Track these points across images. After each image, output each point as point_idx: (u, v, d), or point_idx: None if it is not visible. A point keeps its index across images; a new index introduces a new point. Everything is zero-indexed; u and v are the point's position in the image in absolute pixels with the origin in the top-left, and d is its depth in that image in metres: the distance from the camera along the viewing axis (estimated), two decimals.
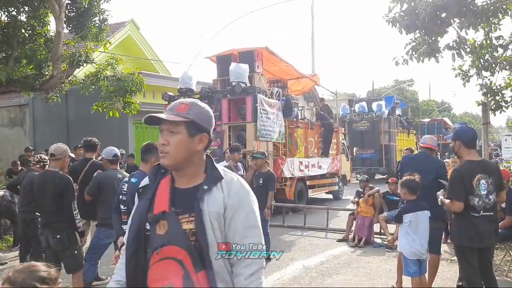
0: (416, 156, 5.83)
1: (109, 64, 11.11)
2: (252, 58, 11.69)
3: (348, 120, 22.10)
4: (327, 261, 7.33)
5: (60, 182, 4.96)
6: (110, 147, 5.82)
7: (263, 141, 10.69)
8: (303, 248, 8.28)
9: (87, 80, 11.13)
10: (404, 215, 4.91)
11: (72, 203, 4.96)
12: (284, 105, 11.93)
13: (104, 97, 11.22)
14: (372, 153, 21.29)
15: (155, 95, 16.17)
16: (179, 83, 11.87)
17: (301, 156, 12.96)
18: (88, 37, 10.66)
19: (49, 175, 5.08)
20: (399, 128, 22.69)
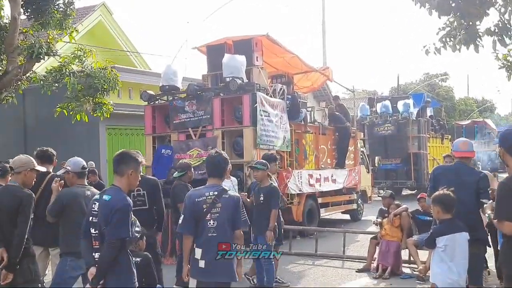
0: (451, 167, 5.78)
1: (76, 57, 11.15)
2: (250, 48, 11.72)
3: (368, 123, 22.14)
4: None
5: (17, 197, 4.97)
6: (76, 158, 5.76)
7: (264, 149, 10.67)
8: (314, 280, 8.25)
9: (49, 77, 11.16)
10: (437, 238, 4.89)
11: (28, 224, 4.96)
12: (290, 105, 11.94)
13: (70, 97, 11.25)
14: (398, 163, 21.30)
15: (132, 94, 16.20)
16: (161, 80, 11.90)
17: (311, 167, 12.94)
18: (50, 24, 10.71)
19: (5, 189, 5.09)
20: (431, 132, 22.72)
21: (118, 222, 4.06)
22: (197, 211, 4.55)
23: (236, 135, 11.00)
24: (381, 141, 21.64)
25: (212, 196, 4.57)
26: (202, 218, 4.54)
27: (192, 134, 11.12)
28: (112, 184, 4.34)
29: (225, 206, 4.57)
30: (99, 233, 4.14)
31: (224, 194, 4.61)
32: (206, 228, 4.52)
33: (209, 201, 4.56)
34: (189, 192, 4.87)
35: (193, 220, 4.57)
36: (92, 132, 14.91)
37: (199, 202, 4.56)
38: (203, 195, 4.60)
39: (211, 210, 4.54)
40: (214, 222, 4.52)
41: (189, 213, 4.60)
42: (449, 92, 50.19)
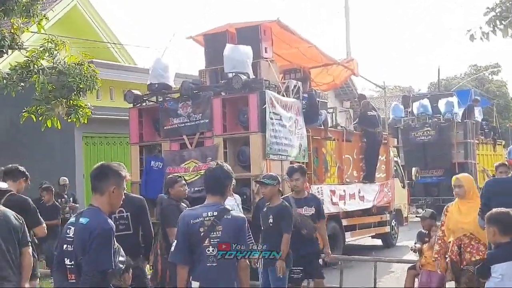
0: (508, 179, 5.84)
1: (46, 50, 11.21)
2: (257, 36, 11.77)
3: (402, 127, 22.11)
4: None
5: None
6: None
7: (275, 159, 10.68)
8: None
9: (13, 75, 11.22)
10: (493, 266, 4.88)
11: None
12: (307, 106, 11.96)
13: (39, 99, 11.29)
14: (440, 175, 21.18)
15: (114, 95, 16.28)
16: (150, 77, 11.96)
17: (333, 182, 12.93)
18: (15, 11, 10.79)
19: None
20: (480, 137, 22.64)
21: (98, 250, 4.06)
22: (193, 235, 4.52)
23: (241, 144, 11.02)
24: (419, 148, 21.58)
25: (211, 217, 4.54)
26: (199, 244, 4.51)
27: (188, 142, 11.14)
28: (90, 204, 4.34)
29: (227, 229, 4.54)
30: (75, 264, 4.14)
31: (226, 215, 4.58)
32: (204, 256, 4.50)
33: (207, 223, 4.53)
34: (183, 213, 4.86)
35: (188, 247, 4.55)
36: (65, 141, 14.97)
37: (194, 225, 4.53)
38: (199, 216, 4.57)
39: (210, 235, 4.51)
40: (213, 249, 4.49)
41: (183, 238, 4.57)
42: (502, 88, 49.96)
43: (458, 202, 6.72)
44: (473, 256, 6.34)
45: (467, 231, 6.44)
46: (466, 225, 6.44)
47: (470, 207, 6.44)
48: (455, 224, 6.57)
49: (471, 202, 6.54)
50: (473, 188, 6.74)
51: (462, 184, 6.66)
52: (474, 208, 6.22)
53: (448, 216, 6.73)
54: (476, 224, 6.13)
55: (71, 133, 14.63)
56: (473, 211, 6.20)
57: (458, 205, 6.70)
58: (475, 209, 6.15)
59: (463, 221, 6.50)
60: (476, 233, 6.32)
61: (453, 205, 6.80)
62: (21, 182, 6.40)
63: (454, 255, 6.50)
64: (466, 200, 6.64)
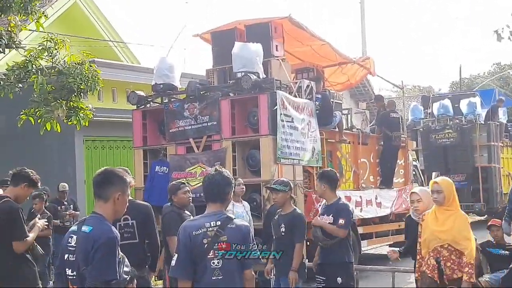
0: None
1: (45, 49, 11.25)
2: (267, 34, 11.79)
3: (422, 129, 22.05)
4: None
5: None
6: None
7: (287, 164, 10.69)
8: None
9: (11, 75, 11.28)
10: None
11: None
12: (320, 107, 11.96)
13: (37, 101, 11.34)
14: (462, 180, 21.10)
15: (117, 96, 16.33)
16: (154, 77, 11.99)
17: (348, 187, 12.93)
18: (12, 8, 10.85)
19: None
20: (505, 140, 22.56)
21: (102, 261, 4.07)
22: (196, 248, 4.51)
23: (250, 147, 11.02)
24: (439, 152, 21.51)
25: (214, 227, 4.54)
26: (203, 256, 4.50)
27: (194, 146, 11.16)
28: (93, 212, 4.36)
29: (232, 239, 4.54)
30: (77, 275, 4.16)
31: (230, 224, 4.58)
32: (209, 269, 4.49)
33: (211, 233, 4.52)
34: (183, 224, 4.84)
35: (190, 260, 4.53)
36: (65, 145, 15.03)
37: (197, 237, 4.52)
38: (202, 226, 4.56)
39: (214, 246, 4.50)
40: (219, 262, 4.50)
41: (184, 251, 4.55)
42: None
43: (435, 209, 6.18)
44: (454, 273, 5.87)
45: (444, 241, 5.93)
46: (443, 234, 5.96)
47: (449, 215, 6.06)
48: (431, 233, 6.06)
49: (450, 209, 6.12)
50: (453, 194, 6.22)
51: (442, 189, 6.12)
52: (454, 215, 6.06)
53: (424, 226, 6.23)
54: (454, 234, 5.89)
55: (71, 136, 14.69)
56: (452, 220, 6.01)
57: (435, 212, 6.16)
58: (454, 217, 6.03)
59: (439, 230, 5.99)
60: (455, 244, 5.88)
61: (430, 213, 6.26)
62: (23, 188, 6.34)
63: (431, 271, 5.98)
64: (444, 207, 6.13)
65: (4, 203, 6.09)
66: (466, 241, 5.83)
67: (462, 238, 5.86)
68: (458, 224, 5.95)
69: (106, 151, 16.09)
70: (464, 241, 5.82)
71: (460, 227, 5.93)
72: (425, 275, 6.03)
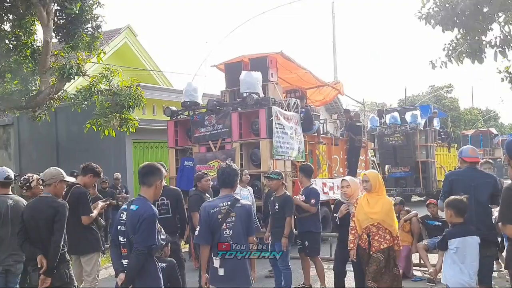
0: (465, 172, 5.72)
1: (104, 77, 11.27)
2: (265, 65, 11.75)
3: (378, 133, 22.00)
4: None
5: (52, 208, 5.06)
6: (1, 168, 5.90)
7: (280, 159, 10.66)
8: (330, 283, 8.16)
9: (79, 95, 11.29)
10: (449, 240, 4.86)
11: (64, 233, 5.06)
12: (304, 118, 11.91)
13: (98, 114, 11.35)
14: (407, 171, 21.07)
15: (156, 110, 16.32)
16: (183, 96, 11.97)
17: (324, 176, 12.88)
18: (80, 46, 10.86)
19: (41, 201, 5.17)
20: (438, 141, 22.49)
21: (145, 231, 4.07)
22: (213, 221, 4.51)
23: (253, 147, 10.99)
24: (390, 150, 21.45)
25: (226, 206, 4.54)
26: (218, 228, 4.50)
27: (212, 146, 11.14)
28: (139, 195, 4.35)
29: (239, 215, 4.54)
30: (127, 241, 4.16)
31: (237, 204, 4.58)
32: (223, 237, 4.49)
33: (224, 211, 4.52)
34: (203, 204, 4.81)
35: (209, 231, 4.52)
36: (119, 146, 15.03)
37: (214, 213, 4.52)
38: (217, 206, 4.57)
39: (226, 220, 4.50)
40: (230, 231, 4.50)
41: (205, 224, 4.54)
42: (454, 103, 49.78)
43: (366, 195, 5.89)
44: (381, 244, 5.64)
45: (375, 221, 5.68)
46: (374, 215, 5.68)
47: (378, 199, 5.77)
48: (364, 214, 5.75)
49: (378, 195, 5.82)
50: (379, 183, 5.87)
51: (369, 179, 5.82)
52: (381, 200, 5.79)
53: (358, 208, 5.90)
54: (383, 214, 5.68)
55: (123, 140, 14.69)
56: (380, 203, 5.74)
57: (367, 197, 5.85)
58: (382, 201, 5.77)
59: (371, 212, 5.71)
60: (383, 223, 5.66)
61: (362, 198, 5.94)
62: (89, 177, 6.35)
63: (363, 242, 5.77)
64: (373, 193, 5.81)
65: (76, 188, 6.11)
66: (392, 221, 5.68)
67: (389, 219, 5.67)
68: (385, 207, 5.71)
69: (148, 150, 16.07)
70: (390, 221, 5.66)
71: (387, 210, 5.70)
72: (360, 247, 5.80)
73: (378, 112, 24.80)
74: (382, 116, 23.14)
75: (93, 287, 6.15)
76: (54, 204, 5.09)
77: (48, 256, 4.96)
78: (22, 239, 5.19)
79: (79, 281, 5.84)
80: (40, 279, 4.95)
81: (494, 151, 29.11)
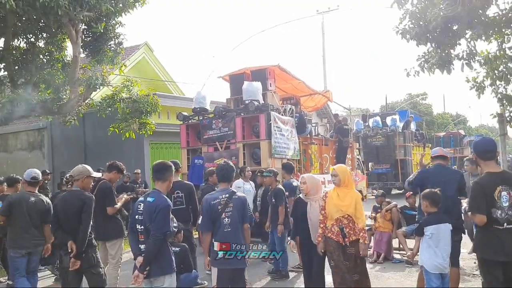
0: (434, 169, 5.72)
1: (125, 86, 11.28)
2: (264, 76, 11.75)
3: (362, 135, 21.99)
4: None
5: (81, 200, 5.09)
6: (30, 169, 6.09)
7: (278, 158, 10.64)
8: None
9: (103, 103, 11.30)
10: (425, 227, 4.86)
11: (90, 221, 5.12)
12: (298, 121, 11.91)
13: (120, 119, 11.36)
14: (388, 168, 21.06)
15: (170, 116, 16.31)
16: (193, 103, 11.96)
17: (316, 172, 12.85)
18: (104, 60, 10.87)
19: (71, 194, 5.21)
20: (414, 142, 22.48)
21: (161, 220, 4.07)
22: (214, 211, 4.53)
23: (254, 147, 10.98)
24: (373, 150, 21.47)
25: (225, 198, 4.57)
26: (218, 217, 4.51)
27: (219, 146, 11.13)
28: (154, 188, 4.37)
29: (236, 205, 4.57)
30: (144, 229, 4.16)
31: (234, 196, 4.61)
32: (222, 225, 4.51)
33: (223, 202, 4.54)
34: (205, 197, 4.80)
35: (210, 220, 4.54)
36: (138, 147, 15.03)
37: (214, 204, 4.55)
38: (217, 198, 4.59)
39: (225, 210, 4.53)
40: (228, 219, 4.52)
41: (207, 214, 4.56)
42: (428, 109, 49.73)
43: (336, 188, 5.35)
44: (351, 236, 5.13)
45: (345, 213, 5.16)
46: (344, 207, 5.17)
47: (347, 192, 5.26)
48: (335, 206, 5.21)
49: (347, 188, 5.30)
50: (347, 177, 5.36)
51: (338, 174, 5.30)
52: (350, 193, 5.27)
53: (328, 201, 5.31)
54: (353, 208, 5.16)
55: (141, 141, 14.69)
56: (349, 196, 5.22)
57: (337, 191, 5.31)
58: (351, 195, 5.25)
59: (341, 204, 5.18)
60: (352, 215, 5.16)
61: (332, 191, 5.39)
62: (114, 173, 6.34)
63: (336, 236, 5.17)
64: (342, 187, 5.29)
65: (103, 183, 6.12)
66: (360, 215, 5.21)
67: (357, 211, 5.17)
68: (355, 200, 5.20)
69: (164, 150, 16.05)
70: (359, 214, 5.20)
71: (356, 203, 5.20)
72: (331, 240, 5.19)
73: (363, 117, 24.78)
74: (366, 120, 23.14)
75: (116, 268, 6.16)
76: (82, 197, 5.12)
77: (77, 241, 4.99)
78: (55, 227, 5.27)
79: (104, 264, 5.84)
80: (71, 262, 5.00)
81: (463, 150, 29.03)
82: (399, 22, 6.52)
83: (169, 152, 16.00)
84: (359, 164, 16.42)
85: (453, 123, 49.57)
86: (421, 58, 6.83)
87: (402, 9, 6.44)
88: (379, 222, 8.60)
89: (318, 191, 5.81)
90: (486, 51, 7.09)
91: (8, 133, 17.83)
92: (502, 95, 7.10)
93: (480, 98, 7.40)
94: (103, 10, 9.21)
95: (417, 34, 6.26)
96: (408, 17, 6.36)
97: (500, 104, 7.28)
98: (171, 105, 15.89)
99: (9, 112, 9.40)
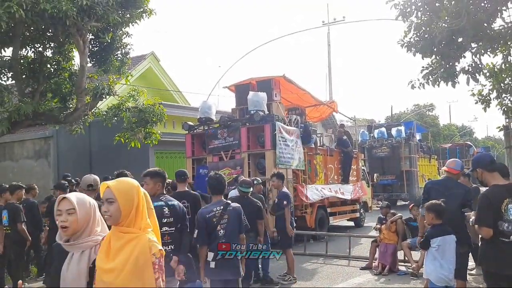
0: (442, 181, 5.70)
1: (131, 96, 11.35)
2: (270, 86, 11.81)
3: (367, 146, 21.96)
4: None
5: None
6: (86, 176, 5.79)
7: (282, 168, 10.66)
8: (326, 276, 8.14)
9: (109, 112, 11.37)
10: (431, 239, 4.85)
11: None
12: (303, 132, 11.94)
13: (126, 128, 11.41)
14: (393, 179, 21.00)
15: (175, 125, 16.38)
16: (199, 113, 12.03)
17: (321, 183, 12.86)
18: (111, 70, 10.95)
19: None
20: (420, 153, 22.42)
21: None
22: (209, 224, 4.56)
23: (259, 157, 11.02)
24: (378, 161, 21.43)
25: (219, 210, 4.59)
26: (214, 229, 4.55)
27: (224, 156, 11.17)
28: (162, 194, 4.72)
29: (231, 216, 4.61)
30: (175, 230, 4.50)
31: (229, 207, 4.64)
32: (218, 236, 4.55)
33: (218, 214, 4.58)
34: (200, 210, 4.85)
35: (206, 233, 4.58)
36: (143, 156, 15.06)
37: (209, 217, 4.58)
38: (211, 211, 4.62)
39: (220, 222, 4.56)
40: (223, 231, 4.56)
41: (202, 227, 4.60)
42: (434, 120, 49.63)
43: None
44: None
45: None
46: None
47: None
48: None
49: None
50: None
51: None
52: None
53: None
54: None
55: (147, 150, 14.71)
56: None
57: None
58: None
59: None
60: None
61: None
62: None
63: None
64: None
65: None
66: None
67: None
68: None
69: (169, 160, 16.10)
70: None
71: None
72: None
73: (368, 128, 24.78)
74: (371, 131, 23.12)
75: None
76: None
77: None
78: None
79: None
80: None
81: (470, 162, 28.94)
82: (403, 35, 6.57)
83: (174, 162, 16.02)
84: (364, 174, 16.38)
85: (459, 135, 49.39)
86: (425, 69, 6.87)
87: (407, 22, 6.49)
88: (384, 233, 8.58)
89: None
90: (492, 64, 7.12)
91: (14, 142, 17.93)
92: (508, 108, 7.12)
93: (487, 111, 7.41)
94: (111, 20, 9.30)
95: (422, 48, 6.31)
96: (413, 30, 6.41)
97: (506, 117, 7.29)
98: (177, 115, 15.95)
99: (16, 120, 9.49)
